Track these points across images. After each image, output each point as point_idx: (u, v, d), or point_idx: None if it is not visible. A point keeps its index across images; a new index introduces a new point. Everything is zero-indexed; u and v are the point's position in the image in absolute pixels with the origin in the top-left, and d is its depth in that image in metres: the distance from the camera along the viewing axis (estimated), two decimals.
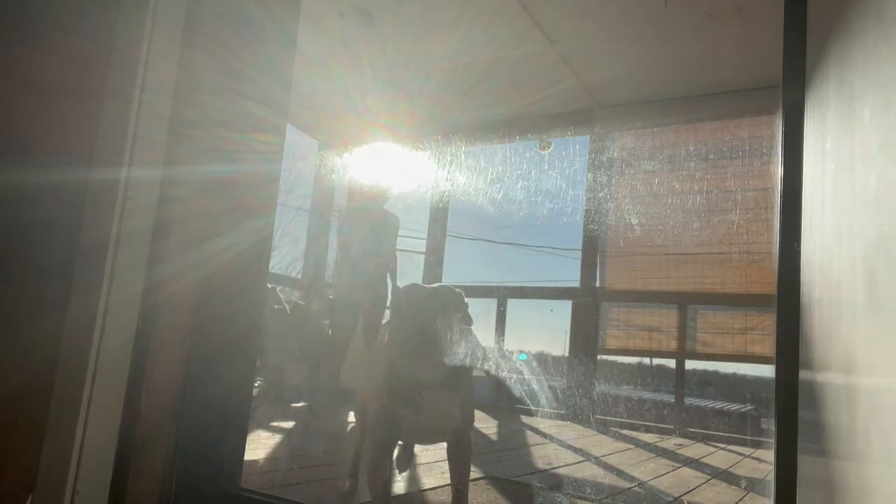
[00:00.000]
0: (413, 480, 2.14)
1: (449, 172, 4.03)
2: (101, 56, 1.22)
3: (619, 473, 2.58)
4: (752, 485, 2.56)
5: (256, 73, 1.29)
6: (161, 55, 1.21)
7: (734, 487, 2.50)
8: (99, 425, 1.11)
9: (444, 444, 1.72)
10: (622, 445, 3.36)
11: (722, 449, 3.44)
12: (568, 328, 4.08)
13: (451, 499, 1.75)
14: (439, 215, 4.59)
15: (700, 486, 2.46)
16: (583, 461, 2.76)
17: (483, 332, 1.95)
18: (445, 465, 1.81)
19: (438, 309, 1.66)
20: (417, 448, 2.18)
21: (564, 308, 4.19)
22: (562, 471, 2.53)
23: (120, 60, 1.20)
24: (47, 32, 1.35)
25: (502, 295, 4.35)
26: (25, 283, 1.24)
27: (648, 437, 3.63)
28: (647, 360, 4.54)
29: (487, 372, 3.27)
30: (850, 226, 0.70)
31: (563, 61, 3.47)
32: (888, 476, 0.57)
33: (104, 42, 1.23)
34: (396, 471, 1.91)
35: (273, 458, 2.39)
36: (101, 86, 1.21)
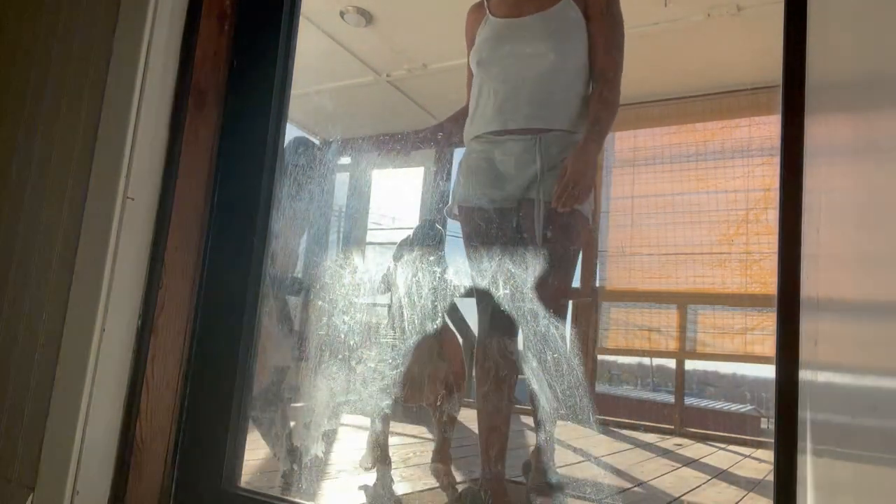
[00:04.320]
0: None
1: (447, 172, 4.03)
2: (102, 54, 1.22)
3: (620, 473, 2.58)
4: (753, 485, 2.56)
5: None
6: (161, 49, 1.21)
7: (735, 487, 2.50)
8: (99, 425, 1.11)
9: None
10: (622, 445, 3.36)
11: (722, 449, 3.44)
12: (568, 328, 4.07)
13: None
14: (439, 215, 4.58)
15: (700, 486, 2.46)
16: (583, 461, 2.75)
17: None
18: None
19: None
20: None
21: None
22: (562, 471, 2.53)
23: (120, 58, 1.20)
24: (46, 32, 1.35)
25: None
26: (25, 284, 1.24)
27: (648, 437, 3.63)
28: (647, 360, 4.54)
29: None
30: (850, 225, 0.70)
31: None
32: (888, 476, 0.57)
33: (104, 40, 1.23)
34: None
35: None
36: (102, 84, 1.21)
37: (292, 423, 2.02)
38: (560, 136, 1.76)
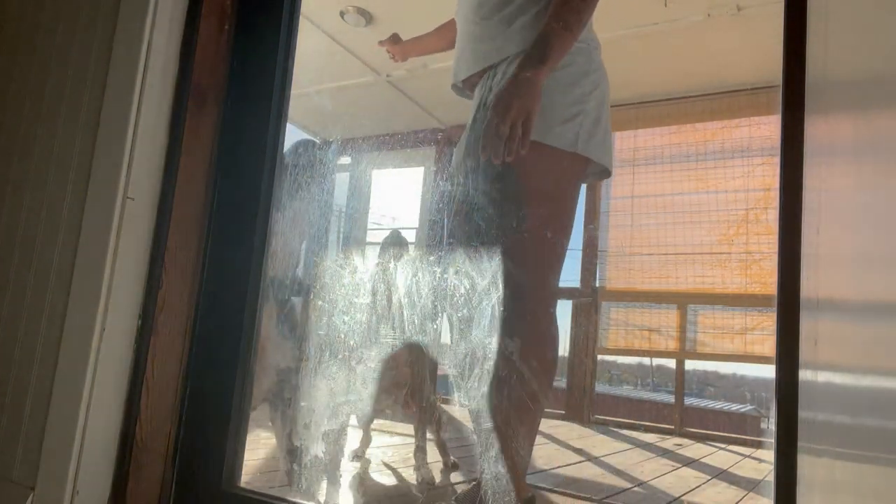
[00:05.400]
0: None
1: (447, 173, 4.02)
2: (102, 54, 1.22)
3: (619, 473, 2.58)
4: (753, 485, 2.56)
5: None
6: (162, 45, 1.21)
7: (735, 487, 2.50)
8: (99, 425, 1.11)
9: None
10: (622, 445, 3.36)
11: (722, 449, 3.44)
12: (568, 328, 4.08)
13: None
14: (438, 216, 4.58)
15: (700, 486, 2.46)
16: (583, 461, 2.76)
17: None
18: None
19: None
20: None
21: (564, 308, 4.18)
22: (561, 471, 2.53)
23: (120, 58, 1.20)
24: (45, 32, 1.35)
25: None
26: (25, 283, 1.24)
27: (648, 437, 3.63)
28: (647, 360, 4.54)
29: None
30: (850, 225, 0.70)
31: None
32: (888, 476, 0.57)
33: (104, 40, 1.23)
34: None
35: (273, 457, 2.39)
36: (101, 84, 1.21)
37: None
38: (513, 60, 1.41)
